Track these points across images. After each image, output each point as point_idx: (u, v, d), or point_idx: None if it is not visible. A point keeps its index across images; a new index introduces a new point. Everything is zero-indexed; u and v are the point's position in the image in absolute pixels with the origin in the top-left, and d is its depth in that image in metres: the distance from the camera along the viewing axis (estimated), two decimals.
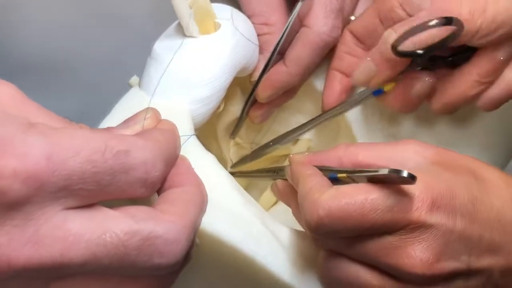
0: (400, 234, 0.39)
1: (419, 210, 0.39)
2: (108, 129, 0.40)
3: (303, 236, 0.46)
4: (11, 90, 0.34)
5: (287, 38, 0.53)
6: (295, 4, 0.52)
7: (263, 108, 0.56)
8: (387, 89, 0.52)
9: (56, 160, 0.31)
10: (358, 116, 0.57)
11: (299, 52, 0.52)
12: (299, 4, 0.52)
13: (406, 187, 0.39)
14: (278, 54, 0.53)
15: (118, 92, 0.49)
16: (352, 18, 0.55)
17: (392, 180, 0.38)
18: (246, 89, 0.56)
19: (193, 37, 0.49)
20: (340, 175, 0.42)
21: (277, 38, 0.53)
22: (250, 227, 0.44)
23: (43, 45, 0.63)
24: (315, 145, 0.61)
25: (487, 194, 0.41)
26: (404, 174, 0.37)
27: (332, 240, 0.41)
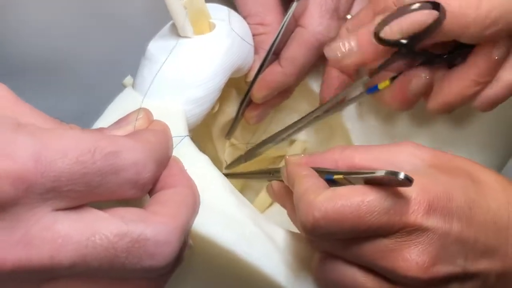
0: (396, 237, 0.39)
1: (416, 213, 0.38)
2: (100, 129, 0.40)
3: (298, 238, 0.46)
4: (2, 90, 0.34)
5: (282, 38, 0.53)
6: (290, 4, 0.52)
7: (259, 108, 0.56)
8: (381, 87, 0.51)
9: (44, 161, 0.31)
10: (353, 115, 0.57)
11: (294, 52, 0.52)
12: (294, 4, 0.52)
13: (403, 189, 0.38)
14: (274, 54, 0.53)
15: (116, 92, 0.49)
16: (348, 17, 0.55)
17: (389, 182, 0.38)
18: (242, 89, 0.56)
19: (187, 37, 0.49)
20: (336, 177, 0.41)
21: (272, 38, 0.52)
22: (244, 229, 0.43)
23: (42, 45, 0.63)
24: (311, 146, 0.61)
25: (483, 196, 0.41)
26: (401, 176, 0.36)
27: (327, 242, 0.41)
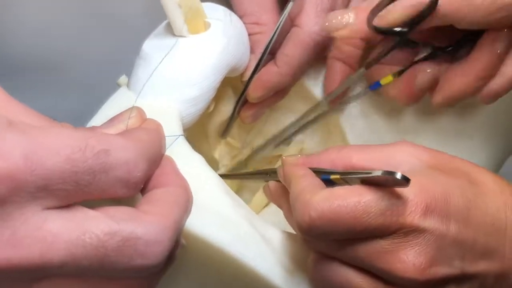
0: (393, 238, 0.39)
1: (413, 214, 0.38)
2: (92, 128, 0.39)
3: (294, 239, 0.46)
4: None
5: (278, 38, 0.52)
6: (286, 4, 0.52)
7: (254, 108, 0.55)
8: (383, 82, 0.52)
9: (35, 159, 0.31)
10: (349, 115, 0.57)
11: (290, 52, 0.52)
12: (290, 4, 0.52)
13: (400, 190, 0.38)
14: (269, 54, 0.53)
15: (114, 92, 0.49)
16: None
17: (386, 182, 0.38)
18: (238, 88, 0.56)
19: (182, 36, 0.49)
20: (333, 177, 0.41)
21: (268, 38, 0.52)
22: (238, 229, 0.43)
23: (41, 45, 0.63)
24: (308, 146, 0.61)
25: (481, 198, 0.41)
26: (398, 176, 0.36)
27: (323, 242, 0.41)
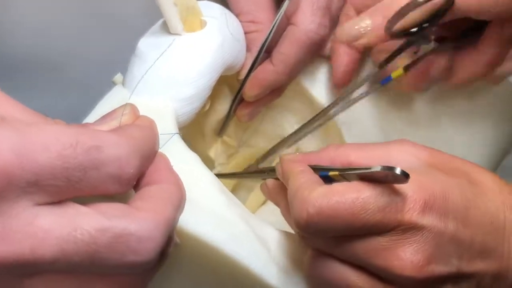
0: (391, 235, 0.38)
1: (411, 211, 0.38)
2: (84, 125, 0.39)
3: (290, 237, 0.46)
4: None
5: (274, 36, 0.52)
6: (282, 2, 0.52)
7: (250, 106, 0.55)
8: (394, 76, 0.52)
9: (25, 155, 0.31)
10: (346, 117, 0.57)
11: (286, 50, 0.52)
12: (286, 2, 0.52)
13: (399, 186, 0.38)
14: (265, 52, 0.53)
15: None
16: None
17: (385, 178, 0.37)
18: (234, 87, 0.55)
19: (178, 34, 0.49)
20: (331, 173, 0.41)
21: (264, 36, 0.52)
22: (233, 228, 0.43)
23: (42, 45, 0.63)
24: (304, 146, 0.60)
25: (480, 197, 0.40)
26: (397, 172, 0.36)
27: (320, 239, 0.41)
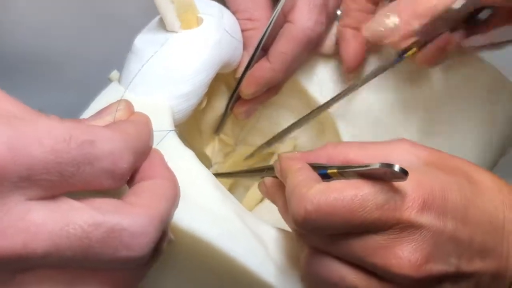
0: (389, 234, 0.38)
1: (410, 210, 0.38)
2: (78, 120, 0.39)
3: (286, 235, 0.46)
4: None
5: (271, 34, 0.52)
6: (279, 0, 0.52)
7: (247, 104, 0.55)
8: (408, 54, 0.53)
9: (18, 149, 0.30)
10: (343, 112, 0.57)
11: (283, 47, 0.52)
12: (283, 0, 0.51)
13: (398, 184, 0.38)
14: (262, 50, 0.53)
15: None
16: (338, 12, 0.55)
17: (384, 175, 0.37)
18: (231, 85, 0.55)
19: (174, 32, 0.48)
20: (330, 171, 0.41)
21: (261, 34, 0.52)
22: (228, 225, 0.43)
23: (42, 45, 0.64)
24: (301, 142, 0.61)
25: (479, 196, 0.40)
26: (396, 169, 0.36)
27: (318, 237, 0.40)
